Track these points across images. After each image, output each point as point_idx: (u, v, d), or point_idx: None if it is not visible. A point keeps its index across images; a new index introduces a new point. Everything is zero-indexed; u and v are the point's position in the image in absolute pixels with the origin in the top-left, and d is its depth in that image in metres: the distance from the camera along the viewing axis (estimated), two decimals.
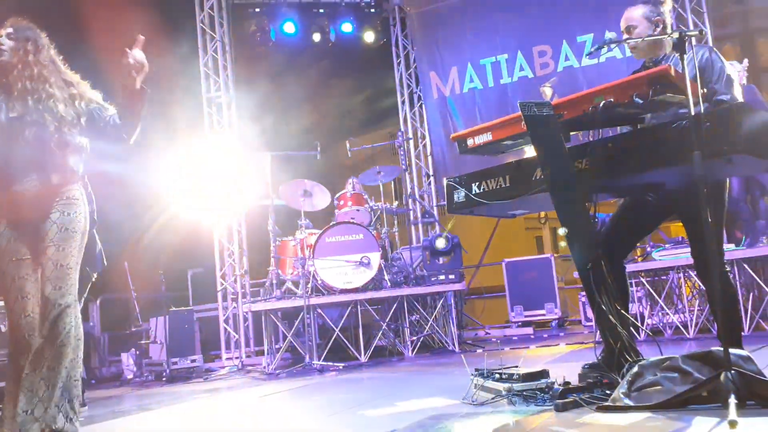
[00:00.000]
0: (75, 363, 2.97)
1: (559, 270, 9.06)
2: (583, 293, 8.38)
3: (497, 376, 3.45)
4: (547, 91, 10.11)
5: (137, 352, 7.48)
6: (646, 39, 3.37)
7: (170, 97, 8.13)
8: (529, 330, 8.42)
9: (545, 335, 7.86)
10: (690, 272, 6.07)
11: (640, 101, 2.84)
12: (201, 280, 9.21)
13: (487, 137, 3.36)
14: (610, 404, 2.84)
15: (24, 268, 3.02)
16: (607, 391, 3.01)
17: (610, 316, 3.12)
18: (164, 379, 6.76)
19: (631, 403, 2.79)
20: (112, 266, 6.60)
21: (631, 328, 3.23)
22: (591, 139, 3.19)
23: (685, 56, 3.40)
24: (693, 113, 2.70)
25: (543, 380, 3.27)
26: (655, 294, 6.31)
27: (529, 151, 3.65)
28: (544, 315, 8.73)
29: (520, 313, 8.81)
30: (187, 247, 9.60)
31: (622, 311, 3.18)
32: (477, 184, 3.52)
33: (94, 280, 3.40)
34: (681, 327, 6.14)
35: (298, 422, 3.51)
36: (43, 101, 3.06)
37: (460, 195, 3.59)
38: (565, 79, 8.81)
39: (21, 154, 3.02)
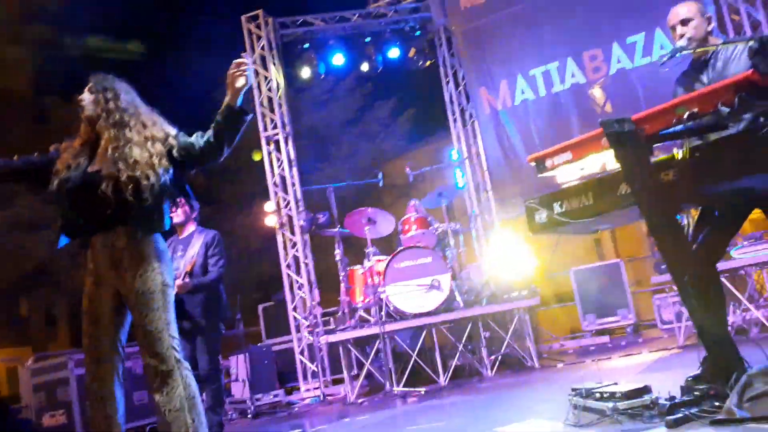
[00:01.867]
0: (199, 422, 2.97)
1: (630, 274, 8.93)
2: (658, 296, 8.23)
3: (598, 394, 3.42)
4: (596, 93, 10.00)
5: None
6: (720, 45, 3.34)
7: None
8: (605, 338, 8.29)
9: (623, 342, 7.73)
10: None
11: (727, 109, 2.81)
12: (271, 313, 9.37)
13: (566, 157, 3.35)
14: (725, 417, 2.78)
15: (101, 328, 3.07)
16: (716, 404, 2.96)
17: (712, 327, 3.08)
18: (249, 416, 6.88)
19: (746, 415, 2.73)
20: None
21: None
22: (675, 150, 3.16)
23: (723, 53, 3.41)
24: None
25: (646, 396, 3.22)
26: (737, 292, 6.16)
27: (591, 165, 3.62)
28: (618, 321, 8.60)
29: (593, 322, 8.69)
30: (256, 282, 9.81)
31: (724, 319, 3.13)
32: (559, 203, 3.50)
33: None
34: (766, 323, 5.97)
35: None
36: (120, 149, 3.02)
37: (542, 216, 3.58)
38: (618, 81, 8.75)
39: (99, 209, 3.00)
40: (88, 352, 3.09)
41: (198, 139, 3.13)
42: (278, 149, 8.89)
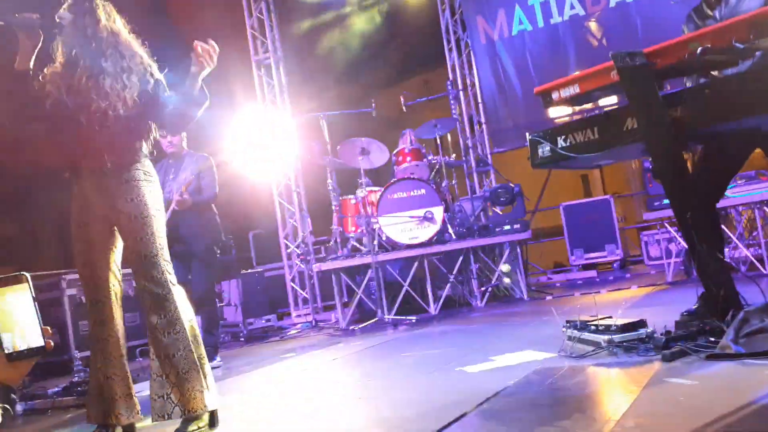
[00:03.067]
0: (197, 342, 3.02)
1: (617, 210, 9.00)
2: (646, 233, 8.34)
3: (593, 327, 3.48)
4: (593, 26, 9.82)
5: None
6: None
7: (222, 61, 8.17)
8: (593, 273, 8.42)
9: (610, 278, 7.85)
10: (765, 207, 5.98)
11: (741, 46, 2.76)
12: (261, 240, 9.39)
13: (574, 90, 3.30)
14: (720, 352, 2.85)
15: (94, 252, 3.05)
16: (711, 339, 3.01)
17: (712, 263, 3.12)
18: (242, 339, 6.98)
19: (742, 350, 2.80)
20: None
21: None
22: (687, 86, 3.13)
23: None
24: None
25: (642, 330, 3.28)
26: (727, 230, 6.23)
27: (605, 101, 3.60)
28: (605, 257, 8.72)
29: (581, 257, 8.81)
30: (246, 209, 9.78)
31: (722, 257, 3.16)
32: (563, 137, 3.47)
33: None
34: (756, 262, 6.08)
35: (402, 382, 3.59)
36: (94, 77, 2.93)
37: (545, 150, 3.55)
38: (617, 15, 8.59)
39: (79, 142, 2.96)
40: (84, 278, 3.09)
41: (168, 100, 3.04)
42: (269, 74, 8.71)
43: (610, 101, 3.67)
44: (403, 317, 6.41)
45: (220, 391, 4.06)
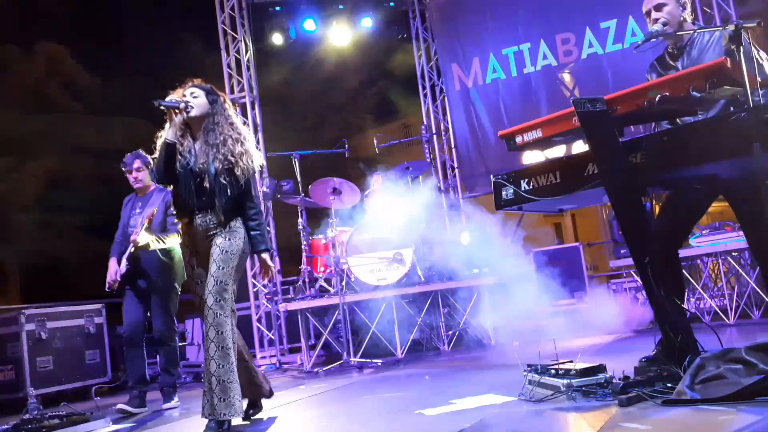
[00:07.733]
0: (237, 359, 3.61)
1: (588, 258, 9.06)
2: (614, 281, 8.39)
3: (553, 371, 3.46)
4: (566, 77, 10.05)
5: None
6: (698, 30, 3.36)
7: None
8: (561, 320, 8.39)
9: (579, 324, 7.82)
10: (728, 258, 6.05)
11: (698, 95, 2.82)
12: None
13: (536, 134, 3.36)
14: (676, 398, 2.84)
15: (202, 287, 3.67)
16: (669, 385, 3.01)
17: (669, 309, 3.13)
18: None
19: (697, 396, 2.79)
20: None
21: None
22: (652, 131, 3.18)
23: (711, 40, 3.42)
24: (752, 105, 2.70)
25: (601, 375, 3.27)
26: (692, 280, 6.29)
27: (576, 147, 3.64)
28: (574, 304, 8.72)
29: (550, 303, 8.80)
30: None
31: (680, 304, 3.18)
32: (526, 180, 3.51)
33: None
34: (720, 312, 6.12)
35: (361, 425, 3.52)
36: (221, 156, 3.62)
37: (508, 192, 3.59)
38: (589, 66, 8.78)
39: (198, 196, 3.66)
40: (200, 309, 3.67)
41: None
42: (244, 113, 8.74)
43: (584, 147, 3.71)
44: (369, 360, 6.33)
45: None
